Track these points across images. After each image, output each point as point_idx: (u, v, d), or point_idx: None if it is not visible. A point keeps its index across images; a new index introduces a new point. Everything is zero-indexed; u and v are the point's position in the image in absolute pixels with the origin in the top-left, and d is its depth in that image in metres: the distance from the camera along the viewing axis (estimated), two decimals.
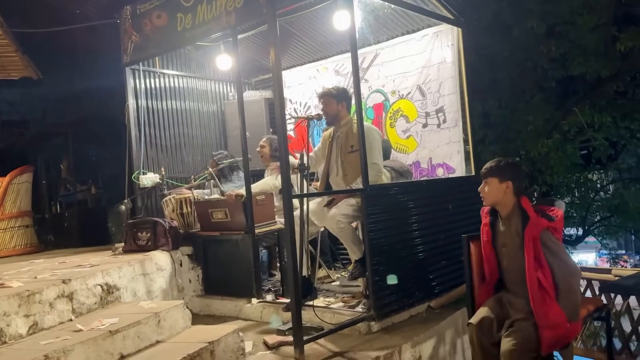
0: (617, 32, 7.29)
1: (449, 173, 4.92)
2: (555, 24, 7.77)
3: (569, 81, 8.38)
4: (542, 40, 7.77)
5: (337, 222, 3.58)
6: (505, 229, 2.83)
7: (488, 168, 2.87)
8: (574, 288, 2.64)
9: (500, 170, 2.82)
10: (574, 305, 2.61)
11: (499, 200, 2.83)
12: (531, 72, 8.00)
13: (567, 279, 2.61)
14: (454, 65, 4.83)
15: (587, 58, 7.61)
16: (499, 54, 7.81)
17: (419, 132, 5.13)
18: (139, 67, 5.24)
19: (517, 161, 2.98)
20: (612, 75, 7.60)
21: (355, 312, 3.61)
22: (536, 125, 7.81)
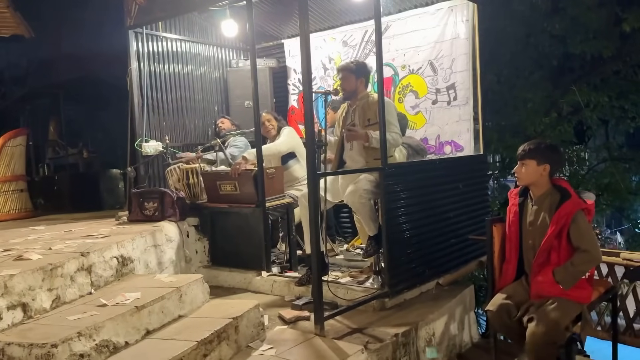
0: (621, 12, 7.27)
1: (457, 151, 4.93)
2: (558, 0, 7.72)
3: (568, 59, 8.39)
4: (545, 17, 7.71)
5: (360, 197, 3.56)
6: (537, 208, 2.86)
7: (527, 150, 2.87)
8: (583, 270, 2.72)
9: (539, 152, 2.83)
10: (570, 277, 2.70)
11: (535, 182, 2.85)
12: (532, 49, 7.97)
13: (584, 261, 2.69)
14: (467, 41, 4.77)
15: (588, 37, 7.61)
16: (501, 29, 7.74)
17: (428, 109, 5.10)
18: (142, 30, 5.04)
19: (556, 144, 2.99)
20: (613, 56, 7.61)
21: (366, 288, 3.65)
22: (535, 102, 7.84)
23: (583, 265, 2.69)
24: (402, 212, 3.63)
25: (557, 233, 2.71)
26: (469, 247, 4.22)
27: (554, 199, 2.78)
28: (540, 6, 7.33)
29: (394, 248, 3.53)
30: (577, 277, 2.71)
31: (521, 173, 2.86)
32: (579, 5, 7.56)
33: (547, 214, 2.78)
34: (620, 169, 9.20)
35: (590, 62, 8.37)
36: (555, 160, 2.83)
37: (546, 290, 2.73)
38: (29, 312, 2.47)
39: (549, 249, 2.74)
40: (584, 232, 2.69)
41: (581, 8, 7.56)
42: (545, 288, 2.73)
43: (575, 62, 8.58)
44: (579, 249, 2.69)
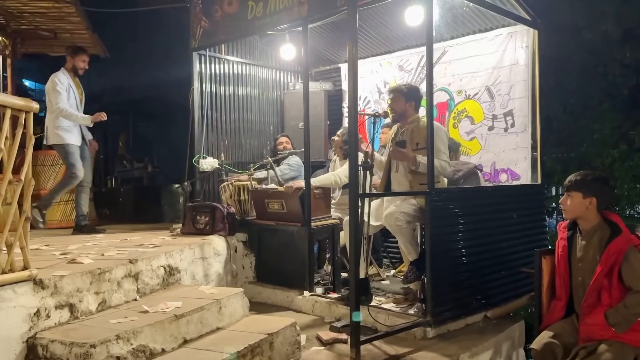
0: None
1: (513, 179, 4.76)
2: (631, 27, 7.37)
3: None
4: (615, 45, 7.39)
5: (396, 220, 3.51)
6: (586, 243, 2.71)
7: (573, 181, 2.74)
8: (638, 312, 2.51)
9: (585, 184, 2.69)
10: (623, 320, 2.50)
11: (581, 215, 2.71)
12: (601, 78, 7.63)
13: (638, 302, 2.49)
14: (527, 67, 4.65)
15: None
16: (568, 57, 7.49)
17: (483, 135, 4.97)
18: (206, 52, 5.30)
19: (605, 176, 2.82)
20: None
21: (408, 315, 3.55)
22: (603, 133, 7.47)
23: (637, 307, 2.50)
24: (448, 239, 3.53)
25: (607, 272, 2.54)
26: (521, 280, 4.01)
27: (604, 234, 2.62)
28: (610, 34, 7.03)
29: (437, 275, 3.42)
30: (632, 320, 2.51)
31: (567, 205, 2.72)
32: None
33: (597, 251, 2.62)
34: None
35: None
36: (603, 193, 2.66)
37: (597, 334, 2.55)
38: (76, 313, 2.59)
39: (599, 288, 2.57)
40: (637, 271, 2.50)
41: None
42: (596, 331, 2.55)
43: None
44: (632, 290, 2.50)
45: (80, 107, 5.05)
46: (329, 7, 3.95)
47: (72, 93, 4.93)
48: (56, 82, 4.83)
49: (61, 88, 4.82)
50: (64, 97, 4.83)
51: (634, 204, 8.80)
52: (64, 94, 4.83)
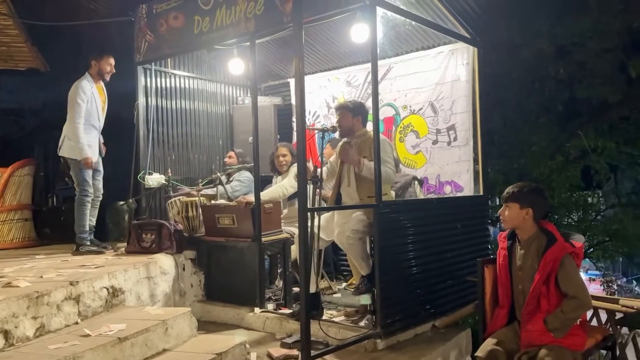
0: (626, 58, 7.34)
1: (456, 191, 4.92)
2: (564, 45, 7.82)
3: (574, 104, 8.43)
4: (550, 62, 7.81)
5: (347, 238, 3.56)
6: (525, 252, 2.83)
7: (510, 193, 2.86)
8: (573, 317, 2.65)
9: (522, 196, 2.81)
10: (561, 325, 2.62)
11: (519, 225, 2.83)
12: (538, 94, 8.05)
13: (574, 307, 2.62)
14: (467, 84, 4.84)
15: (595, 82, 7.67)
16: (507, 74, 7.85)
17: (428, 149, 5.12)
18: (151, 66, 5.20)
19: (540, 188, 2.97)
20: (620, 102, 7.64)
21: (359, 328, 3.58)
22: (540, 146, 7.86)
23: (573, 312, 2.63)
24: (396, 251, 3.60)
25: (544, 279, 2.66)
26: (467, 289, 4.14)
27: (541, 243, 2.75)
28: (545, 52, 7.43)
29: (386, 288, 3.48)
30: (569, 324, 2.64)
31: (505, 216, 2.84)
32: (585, 51, 7.66)
33: (535, 259, 2.74)
34: (629, 216, 9.08)
35: (598, 107, 8.40)
36: (539, 204, 2.80)
37: (538, 339, 2.65)
38: (11, 340, 2.46)
39: (538, 295, 2.69)
40: (572, 278, 2.64)
41: (587, 54, 7.66)
42: (536, 337, 2.66)
43: (583, 107, 8.63)
44: (568, 295, 2.63)
45: (101, 115, 4.77)
46: (275, 23, 3.99)
47: (94, 101, 4.65)
48: (78, 92, 4.53)
49: (82, 99, 4.52)
50: (83, 109, 4.52)
51: (570, 213, 9.29)
52: (83, 105, 4.53)
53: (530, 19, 7.64)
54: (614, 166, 9.72)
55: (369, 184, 3.65)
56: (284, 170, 4.75)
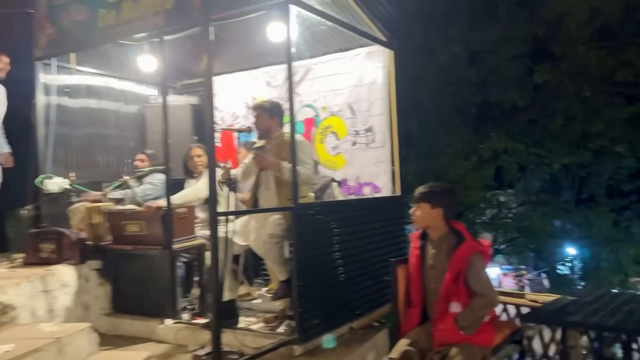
0: (533, 65, 7.80)
1: (375, 192, 4.95)
2: (477, 52, 8.20)
3: (487, 107, 8.87)
4: (464, 67, 8.15)
5: (264, 243, 3.44)
6: (436, 252, 2.86)
7: (421, 193, 2.89)
8: (482, 314, 2.71)
9: (433, 196, 2.84)
10: (471, 323, 2.67)
11: (430, 225, 2.86)
12: (453, 97, 8.37)
13: (483, 305, 2.67)
14: (384, 86, 4.88)
15: (505, 87, 8.09)
16: (424, 77, 8.09)
17: (348, 150, 5.12)
18: (52, 62, 4.79)
19: (451, 188, 3.01)
20: (527, 105, 8.12)
21: (276, 335, 3.48)
22: (456, 147, 8.17)
23: (482, 310, 2.68)
24: (315, 254, 3.53)
25: (454, 278, 2.70)
26: (385, 288, 4.13)
27: (451, 242, 2.79)
28: (460, 57, 7.74)
29: (304, 292, 3.40)
30: (478, 322, 2.69)
31: (416, 216, 2.87)
32: (496, 57, 8.07)
33: (445, 258, 2.78)
34: (538, 213, 9.68)
35: (508, 111, 8.88)
36: (450, 204, 2.85)
37: (449, 338, 2.68)
38: None
39: (449, 294, 2.73)
40: (480, 276, 2.69)
41: (498, 60, 8.06)
42: (447, 335, 2.68)
43: (495, 110, 9.10)
44: (477, 293, 2.69)
45: None
46: (185, 18, 3.78)
47: None
48: None
49: None
50: None
51: (484, 211, 9.75)
52: None
53: (446, 26, 7.93)
54: (524, 166, 10.35)
55: (288, 187, 3.56)
56: (199, 172, 4.55)
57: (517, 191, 10.85)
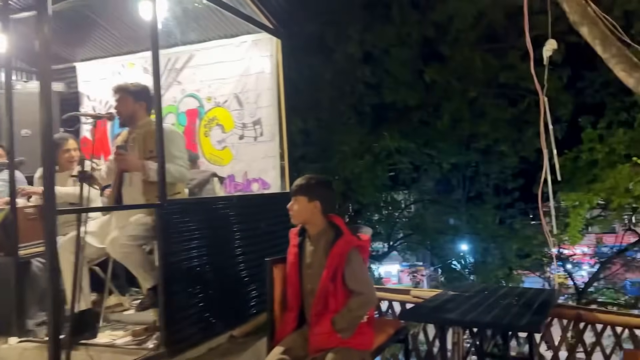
0: (424, 65, 7.97)
1: (264, 189, 4.67)
2: (372, 52, 8.22)
3: (382, 107, 8.95)
4: (359, 66, 8.14)
5: (122, 246, 3.00)
6: (314, 249, 2.64)
7: (298, 186, 2.66)
8: (360, 315, 2.51)
9: (309, 189, 2.62)
10: (348, 324, 2.47)
11: (308, 219, 2.64)
12: (349, 96, 8.32)
13: (360, 305, 2.49)
14: (272, 76, 4.62)
15: (398, 87, 8.19)
16: (321, 76, 7.97)
17: (235, 144, 4.79)
18: None
19: (328, 180, 2.80)
20: (418, 105, 8.28)
21: (142, 350, 3.05)
22: (351, 146, 8.13)
23: (359, 310, 2.49)
24: (185, 257, 3.16)
25: (332, 276, 2.49)
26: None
27: (329, 238, 2.58)
28: (355, 56, 7.70)
29: (173, 300, 3.02)
30: (356, 323, 2.49)
31: (293, 210, 2.63)
32: (390, 57, 8.14)
33: (323, 255, 2.56)
34: (430, 211, 9.97)
35: (402, 111, 9.03)
36: (327, 196, 2.65)
37: (325, 342, 2.45)
38: None
39: (326, 294, 2.50)
40: (357, 273, 2.50)
41: (391, 60, 8.14)
42: (324, 340, 2.45)
43: (389, 110, 9.20)
44: (354, 292, 2.49)
45: None
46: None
47: None
48: None
49: None
50: None
51: (380, 210, 9.88)
52: None
53: (342, 25, 7.87)
54: (418, 166, 10.63)
55: (156, 184, 3.15)
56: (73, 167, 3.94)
57: (412, 190, 11.14)
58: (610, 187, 6.72)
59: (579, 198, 7.18)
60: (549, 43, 3.52)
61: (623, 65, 2.59)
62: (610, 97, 8.31)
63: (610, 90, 8.32)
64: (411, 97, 8.01)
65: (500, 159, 9.81)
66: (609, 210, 8.56)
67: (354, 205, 9.10)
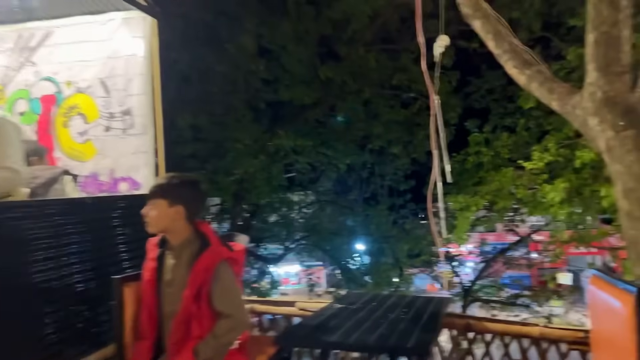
0: (321, 63, 7.75)
1: (134, 189, 4.07)
2: (268, 47, 7.86)
3: (279, 105, 8.62)
4: (254, 60, 7.74)
5: None
6: (175, 262, 2.19)
7: (156, 187, 2.20)
8: (228, 341, 2.13)
9: (170, 190, 2.17)
10: (214, 354, 2.08)
11: (169, 228, 2.18)
12: (243, 91, 7.88)
13: (228, 329, 2.10)
14: (145, 60, 4.04)
15: (295, 85, 7.90)
16: (213, 68, 7.46)
17: (99, 137, 4.11)
18: None
19: (194, 180, 2.34)
20: (314, 103, 8.05)
21: None
22: (245, 144, 7.70)
23: (227, 336, 2.09)
24: (13, 272, 2.51)
25: (195, 295, 2.06)
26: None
27: (194, 249, 2.15)
28: (250, 50, 7.27)
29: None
30: (224, 351, 2.09)
31: (150, 217, 2.17)
32: (286, 53, 7.82)
33: (187, 271, 2.13)
34: (326, 212, 9.82)
35: (298, 109, 8.76)
36: (193, 199, 2.22)
37: None
38: None
39: (188, 318, 2.07)
40: (226, 291, 2.10)
41: (288, 56, 7.83)
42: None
43: (285, 107, 8.89)
44: (222, 314, 2.09)
45: None
46: None
47: None
48: None
49: None
50: None
51: (275, 211, 9.53)
52: None
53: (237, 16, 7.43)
54: (315, 166, 10.44)
55: None
56: None
57: (310, 191, 10.94)
58: (495, 190, 6.97)
59: (466, 201, 7.38)
60: (440, 39, 3.40)
61: (515, 62, 2.46)
62: (494, 102, 8.71)
63: (494, 96, 8.74)
64: (307, 96, 7.76)
65: (393, 161, 9.91)
66: (492, 212, 8.96)
67: (248, 206, 8.65)
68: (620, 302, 1.80)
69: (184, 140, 7.61)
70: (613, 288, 1.95)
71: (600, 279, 2.25)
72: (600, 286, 2.20)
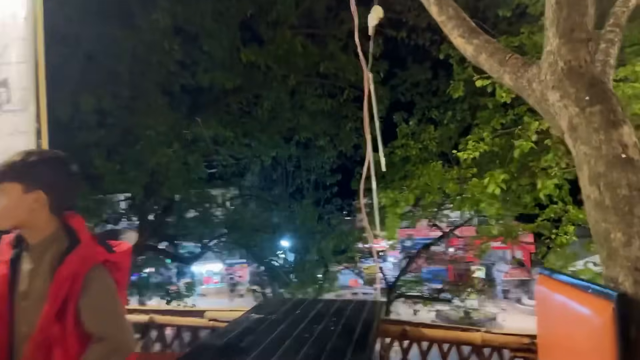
0: (243, 45, 7.21)
1: None
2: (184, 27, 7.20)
3: (198, 91, 7.94)
4: (169, 39, 7.04)
5: None
6: (33, 268, 1.63)
7: (5, 167, 1.61)
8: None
9: (27, 171, 1.60)
10: None
11: (24, 221, 1.62)
12: (155, 72, 7.15)
13: (103, 355, 1.57)
14: (27, 23, 3.35)
15: (214, 68, 7.30)
16: (119, 44, 6.67)
17: None
18: None
19: (60, 156, 1.72)
20: (236, 88, 7.48)
21: None
22: (158, 131, 6.99)
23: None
24: None
25: (58, 312, 1.53)
26: None
27: (59, 249, 1.60)
28: (160, 23, 6.53)
29: None
30: None
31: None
32: (205, 34, 7.19)
33: (49, 278, 1.58)
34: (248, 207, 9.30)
35: (218, 95, 8.16)
36: (58, 183, 1.65)
37: None
38: None
39: (49, 341, 1.53)
40: (99, 306, 1.57)
41: (207, 38, 7.20)
42: None
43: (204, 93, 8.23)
44: (94, 336, 1.56)
45: None
46: None
47: None
48: None
49: None
50: None
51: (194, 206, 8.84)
52: None
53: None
54: (239, 159, 9.84)
55: None
56: None
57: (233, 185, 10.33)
58: (424, 184, 6.81)
59: (396, 196, 7.19)
60: (374, 10, 3.07)
61: (460, 30, 2.13)
62: (418, 96, 8.62)
63: (418, 90, 8.64)
64: (228, 80, 7.16)
65: (319, 154, 9.57)
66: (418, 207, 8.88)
67: (162, 201, 7.93)
68: (591, 309, 1.52)
69: (87, 126, 6.79)
70: (577, 291, 1.67)
71: (553, 279, 1.99)
72: (554, 288, 1.94)
